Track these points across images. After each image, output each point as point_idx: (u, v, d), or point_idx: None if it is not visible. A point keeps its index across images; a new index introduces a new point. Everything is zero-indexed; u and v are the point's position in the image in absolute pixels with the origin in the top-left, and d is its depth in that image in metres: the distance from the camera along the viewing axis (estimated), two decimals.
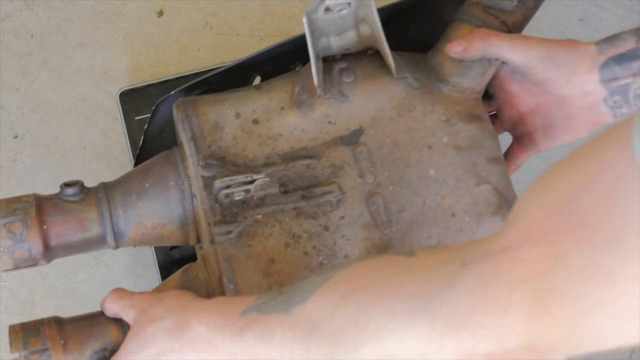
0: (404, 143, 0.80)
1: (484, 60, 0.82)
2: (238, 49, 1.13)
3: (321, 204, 0.78)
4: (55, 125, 1.10)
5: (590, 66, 0.78)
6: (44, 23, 1.15)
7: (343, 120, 0.81)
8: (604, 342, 0.48)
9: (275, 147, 0.80)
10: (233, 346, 0.65)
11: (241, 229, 0.77)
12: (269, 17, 1.15)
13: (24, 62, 1.14)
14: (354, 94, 0.81)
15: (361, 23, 0.80)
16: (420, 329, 0.53)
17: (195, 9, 1.16)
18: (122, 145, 1.08)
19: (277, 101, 0.82)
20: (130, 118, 1.08)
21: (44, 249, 0.79)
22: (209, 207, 0.77)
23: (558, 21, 1.12)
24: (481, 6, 0.85)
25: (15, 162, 1.09)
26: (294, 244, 0.77)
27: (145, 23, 1.15)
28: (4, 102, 1.11)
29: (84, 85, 1.12)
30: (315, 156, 0.80)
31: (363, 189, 0.79)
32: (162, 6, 1.16)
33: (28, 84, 1.12)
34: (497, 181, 0.80)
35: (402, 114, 0.81)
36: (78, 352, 0.75)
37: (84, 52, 1.14)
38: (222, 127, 0.80)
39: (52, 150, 1.09)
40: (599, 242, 0.46)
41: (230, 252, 0.76)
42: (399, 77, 0.82)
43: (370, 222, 0.78)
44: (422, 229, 0.78)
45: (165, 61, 1.13)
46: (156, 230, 0.81)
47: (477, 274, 0.51)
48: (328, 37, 0.80)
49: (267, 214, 0.78)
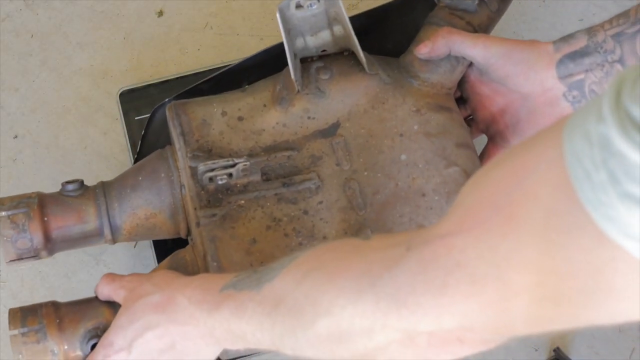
0: (377, 132, 0.86)
1: (452, 58, 0.88)
2: (238, 49, 1.13)
3: (301, 190, 0.84)
4: (55, 125, 1.10)
5: (547, 63, 0.83)
6: (44, 23, 1.15)
7: (321, 114, 0.87)
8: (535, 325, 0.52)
9: (258, 141, 0.86)
10: (211, 320, 0.70)
11: (225, 213, 0.83)
12: (269, 17, 1.15)
13: (24, 62, 1.14)
14: (330, 89, 0.87)
15: (334, 23, 0.86)
16: (366, 306, 0.57)
17: (195, 9, 1.16)
18: (122, 145, 1.08)
19: (260, 99, 0.88)
20: (130, 118, 1.08)
21: (44, 240, 0.84)
22: (196, 194, 0.83)
23: (558, 21, 1.12)
24: (447, 9, 0.91)
25: (15, 162, 1.09)
26: (274, 226, 0.83)
27: (145, 23, 1.15)
28: (4, 102, 1.11)
29: (84, 85, 1.12)
30: (295, 148, 0.86)
31: (340, 175, 0.85)
32: (162, 6, 1.16)
33: (28, 84, 1.12)
34: (465, 164, 0.85)
35: (375, 106, 0.87)
36: (72, 330, 0.81)
37: (84, 52, 1.14)
38: (209, 123, 0.87)
39: (52, 150, 1.09)
40: (523, 234, 0.49)
41: (214, 233, 0.82)
42: (372, 74, 0.88)
43: (347, 205, 0.83)
44: (395, 209, 0.83)
45: (165, 61, 1.13)
46: (149, 220, 0.87)
47: (419, 257, 0.55)
48: (304, 37, 0.87)
49: (249, 199, 0.83)
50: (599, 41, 0.81)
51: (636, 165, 0.42)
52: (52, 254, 0.87)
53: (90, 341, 0.80)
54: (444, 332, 0.55)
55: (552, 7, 1.14)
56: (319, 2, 0.83)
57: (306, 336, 0.61)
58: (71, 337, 0.80)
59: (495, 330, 0.54)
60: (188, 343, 0.73)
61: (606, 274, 0.46)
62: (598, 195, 0.44)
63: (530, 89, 0.84)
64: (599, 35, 0.82)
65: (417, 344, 0.56)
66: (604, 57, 0.81)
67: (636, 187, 0.42)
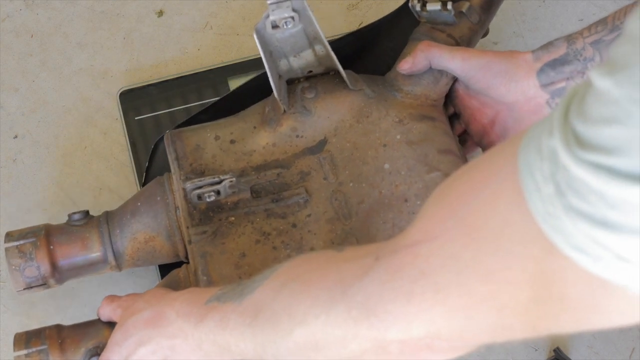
0: (362, 144, 0.88)
1: (434, 70, 0.90)
2: (238, 49, 1.13)
3: (290, 205, 0.86)
4: (55, 125, 1.10)
5: (527, 72, 0.85)
6: (44, 23, 1.15)
7: (309, 132, 0.89)
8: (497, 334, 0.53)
9: (249, 161, 0.89)
10: (197, 332, 0.71)
11: (215, 229, 0.85)
12: None
13: (24, 62, 1.14)
14: (316, 107, 0.90)
15: (315, 42, 0.87)
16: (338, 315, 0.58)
17: (195, 9, 1.16)
18: (122, 145, 1.08)
19: (251, 122, 0.91)
20: (130, 118, 1.08)
21: (51, 268, 0.89)
22: (188, 213, 0.86)
23: (558, 21, 1.12)
24: (428, 24, 0.93)
25: (15, 162, 1.09)
26: (263, 240, 0.85)
27: (145, 23, 1.15)
28: (4, 102, 1.11)
29: (84, 85, 1.12)
30: (285, 166, 0.88)
31: (327, 188, 0.87)
32: (162, 6, 1.16)
33: (28, 84, 1.12)
34: (447, 169, 0.87)
35: (360, 120, 0.89)
36: (73, 349, 0.84)
37: (84, 52, 1.14)
38: (203, 148, 0.90)
39: (52, 150, 1.09)
40: (482, 244, 0.51)
41: (205, 249, 0.85)
42: (356, 90, 0.90)
43: (334, 216, 0.85)
44: (379, 216, 0.85)
45: (165, 61, 1.13)
46: (148, 244, 0.90)
47: (387, 266, 0.56)
48: (288, 58, 0.88)
49: (239, 215, 0.86)
50: (578, 49, 0.82)
51: (578, 178, 0.43)
52: (60, 282, 0.91)
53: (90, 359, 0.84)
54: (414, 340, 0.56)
55: (552, 7, 1.14)
56: (294, 20, 0.84)
57: (285, 345, 0.63)
58: (72, 357, 0.84)
59: (461, 337, 0.55)
60: (179, 357, 0.74)
61: (557, 284, 0.47)
62: (546, 207, 0.45)
63: (513, 98, 0.85)
64: (578, 42, 0.82)
65: (389, 352, 0.57)
66: (584, 65, 0.82)
67: (578, 200, 0.43)
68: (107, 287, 0.95)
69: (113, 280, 1.01)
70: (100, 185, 1.07)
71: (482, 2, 0.94)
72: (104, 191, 1.07)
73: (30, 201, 1.07)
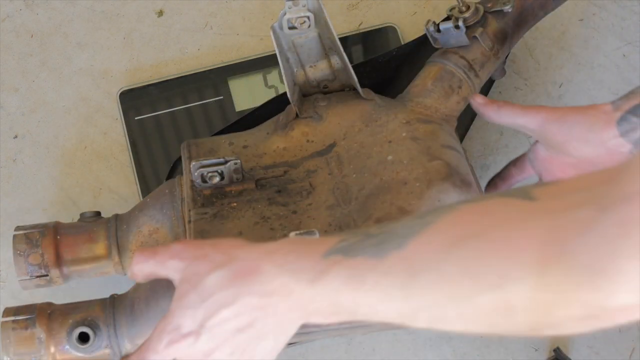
0: (368, 143, 0.89)
1: (445, 85, 0.92)
2: (238, 49, 1.13)
3: (293, 195, 0.86)
4: (55, 125, 1.10)
5: (606, 122, 0.78)
6: (44, 23, 1.15)
7: (319, 137, 0.90)
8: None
9: (259, 162, 0.90)
10: (311, 290, 0.62)
11: (216, 212, 0.85)
12: (269, 17, 1.15)
13: (24, 62, 1.14)
14: (327, 114, 0.91)
15: (331, 52, 0.90)
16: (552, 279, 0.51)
17: (195, 9, 1.16)
18: (122, 145, 1.08)
19: (265, 130, 0.93)
20: (130, 118, 1.09)
21: (55, 257, 0.90)
22: (192, 199, 0.86)
23: (558, 21, 1.12)
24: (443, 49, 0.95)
25: (15, 162, 1.09)
26: (262, 222, 0.84)
27: (145, 23, 1.15)
28: (4, 102, 1.11)
29: (84, 85, 1.12)
30: (293, 165, 0.89)
31: (331, 181, 0.87)
32: (162, 6, 1.16)
33: (28, 84, 1.12)
34: (449, 159, 0.86)
35: (369, 124, 0.90)
36: (61, 320, 0.85)
37: (84, 52, 1.14)
38: (216, 150, 0.90)
39: (52, 150, 1.09)
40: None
41: (203, 227, 0.84)
42: (368, 99, 0.92)
43: (334, 203, 0.85)
44: (377, 198, 0.84)
45: (165, 61, 1.13)
46: (152, 237, 0.90)
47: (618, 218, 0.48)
48: (304, 68, 0.92)
49: (242, 202, 0.86)
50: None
51: None
52: (63, 277, 0.91)
53: (75, 330, 0.84)
54: None
55: None
56: (310, 21, 0.85)
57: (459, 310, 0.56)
58: (59, 327, 0.85)
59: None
60: (270, 320, 0.64)
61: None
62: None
63: (592, 151, 0.80)
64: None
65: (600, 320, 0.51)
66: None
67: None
68: (108, 287, 0.95)
69: (113, 281, 1.01)
70: (100, 185, 1.07)
71: (497, 31, 0.95)
72: (103, 191, 1.07)
73: (30, 201, 1.07)
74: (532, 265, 0.52)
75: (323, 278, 0.61)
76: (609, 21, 1.13)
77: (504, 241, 0.54)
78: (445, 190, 0.83)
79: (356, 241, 0.62)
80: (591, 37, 1.12)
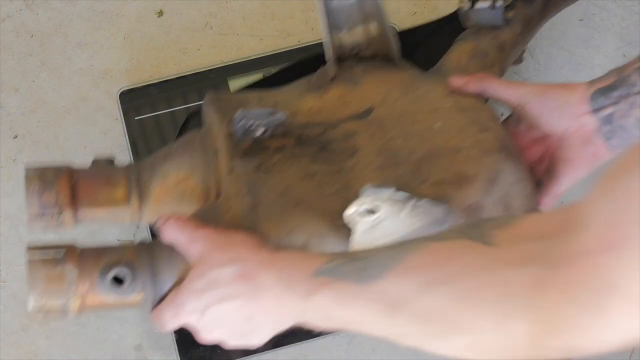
0: (410, 110, 0.87)
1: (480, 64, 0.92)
2: (238, 49, 1.13)
3: (336, 154, 0.83)
4: (55, 125, 1.10)
5: (580, 98, 0.85)
6: (44, 23, 1.15)
7: (355, 101, 0.87)
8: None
9: (293, 121, 0.84)
10: (304, 304, 0.68)
11: (259, 164, 0.81)
12: (269, 17, 1.15)
13: (24, 62, 1.14)
14: (364, 78, 0.89)
15: (369, 19, 0.90)
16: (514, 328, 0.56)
17: (195, 9, 1.16)
18: (122, 145, 1.08)
19: (296, 91, 0.89)
20: (130, 118, 1.09)
21: (70, 198, 0.83)
22: (229, 151, 0.81)
23: (558, 21, 1.12)
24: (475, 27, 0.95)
25: (15, 162, 1.09)
26: (309, 178, 0.81)
27: (145, 23, 1.15)
28: (4, 102, 1.11)
29: (84, 85, 1.12)
30: (331, 125, 0.86)
31: (375, 144, 0.84)
32: (162, 6, 1.16)
33: (28, 84, 1.12)
34: (498, 132, 0.85)
35: (408, 93, 0.88)
36: (93, 260, 0.77)
37: (84, 52, 1.14)
38: (245, 104, 0.86)
39: (52, 150, 1.09)
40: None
41: (249, 178, 0.80)
42: (404, 67, 0.90)
43: (382, 164, 0.82)
44: (433, 162, 0.82)
45: (165, 61, 1.13)
46: (178, 187, 0.85)
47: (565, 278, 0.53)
48: (340, 32, 0.90)
49: (283, 157, 0.82)
50: (626, 75, 0.83)
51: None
52: (75, 220, 0.85)
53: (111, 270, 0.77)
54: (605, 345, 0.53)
55: None
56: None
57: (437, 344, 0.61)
58: (91, 267, 0.77)
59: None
60: (268, 318, 0.72)
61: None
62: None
63: (565, 125, 0.86)
64: (626, 70, 0.84)
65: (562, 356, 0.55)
66: (628, 90, 0.83)
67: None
68: None
69: None
70: None
71: (526, 16, 0.96)
72: None
73: None
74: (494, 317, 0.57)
75: (313, 297, 0.67)
76: (609, 21, 1.13)
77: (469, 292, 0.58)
78: (502, 161, 0.82)
79: (342, 263, 0.67)
80: (591, 37, 1.12)
